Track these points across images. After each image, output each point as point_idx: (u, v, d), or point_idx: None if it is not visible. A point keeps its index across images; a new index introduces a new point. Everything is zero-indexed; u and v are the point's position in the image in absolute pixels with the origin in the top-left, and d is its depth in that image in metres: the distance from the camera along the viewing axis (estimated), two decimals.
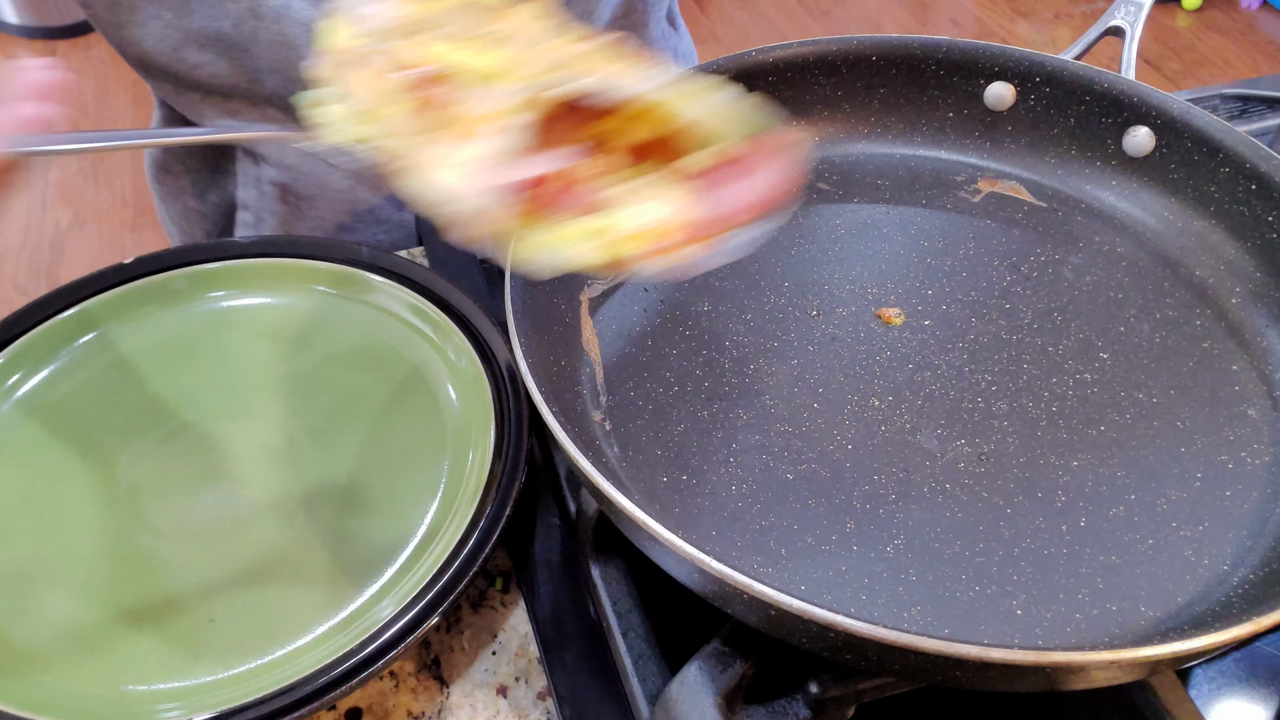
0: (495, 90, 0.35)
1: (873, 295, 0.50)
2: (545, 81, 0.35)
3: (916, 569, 0.39)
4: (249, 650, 0.44)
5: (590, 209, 0.35)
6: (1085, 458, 0.43)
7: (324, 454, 0.52)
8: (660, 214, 0.35)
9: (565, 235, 0.35)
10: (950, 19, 2.50)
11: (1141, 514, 0.41)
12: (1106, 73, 0.53)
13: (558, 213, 0.35)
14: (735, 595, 0.34)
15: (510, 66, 0.36)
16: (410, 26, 0.37)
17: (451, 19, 0.37)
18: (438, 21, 0.37)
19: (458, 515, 0.48)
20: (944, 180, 0.56)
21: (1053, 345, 0.48)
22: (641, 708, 0.40)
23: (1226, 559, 0.39)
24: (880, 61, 0.56)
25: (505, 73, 0.36)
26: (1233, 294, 0.49)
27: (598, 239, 0.35)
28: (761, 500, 0.42)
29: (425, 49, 0.36)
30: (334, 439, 0.52)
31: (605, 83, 0.35)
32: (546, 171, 0.35)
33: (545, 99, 0.35)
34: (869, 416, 0.45)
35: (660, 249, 0.35)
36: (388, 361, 0.56)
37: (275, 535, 0.49)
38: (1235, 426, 0.44)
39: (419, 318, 0.56)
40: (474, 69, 0.36)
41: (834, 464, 0.43)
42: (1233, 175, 0.49)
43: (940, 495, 0.42)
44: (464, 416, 0.52)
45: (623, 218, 0.35)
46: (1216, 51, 2.33)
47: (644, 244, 0.35)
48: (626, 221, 0.35)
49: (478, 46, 0.37)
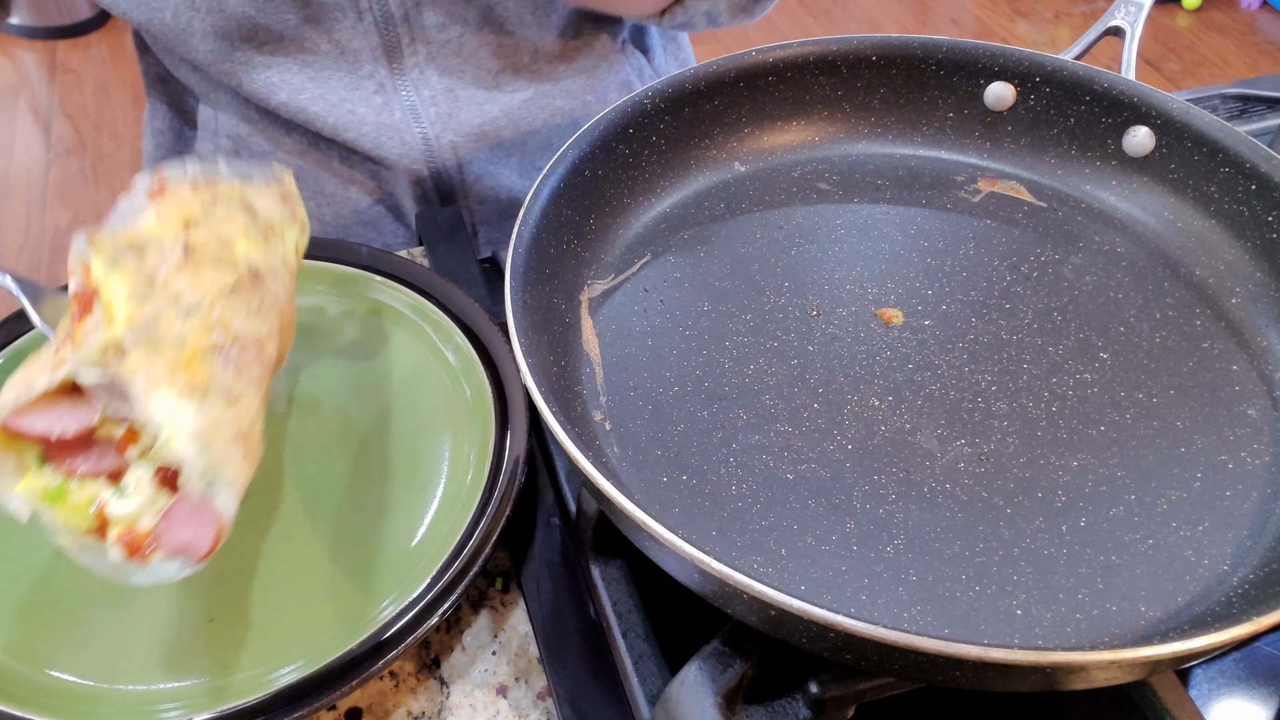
0: (93, 334, 0.38)
1: (873, 295, 0.50)
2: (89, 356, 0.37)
3: (916, 569, 0.39)
4: (249, 650, 0.44)
5: (92, 475, 0.38)
6: (1085, 458, 0.43)
7: (324, 454, 0.52)
8: (129, 508, 0.37)
9: (41, 488, 0.38)
10: (950, 19, 2.50)
11: (1141, 514, 0.41)
12: (1106, 73, 0.53)
13: (62, 464, 0.38)
14: (735, 595, 0.34)
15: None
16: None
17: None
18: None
19: (458, 515, 0.48)
20: (944, 180, 0.56)
21: (1053, 345, 0.48)
22: (641, 708, 0.40)
23: (1226, 559, 0.39)
24: (880, 61, 0.56)
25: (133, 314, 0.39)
26: (1233, 294, 0.49)
27: (63, 504, 0.38)
28: (761, 500, 0.42)
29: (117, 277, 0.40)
30: (334, 439, 0.52)
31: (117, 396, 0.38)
32: (55, 427, 0.37)
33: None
34: (869, 416, 0.45)
35: (119, 539, 0.37)
36: (387, 362, 0.56)
37: (275, 535, 0.49)
38: (1235, 426, 0.44)
39: (419, 317, 0.56)
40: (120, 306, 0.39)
41: (834, 464, 0.43)
42: (1233, 175, 0.49)
43: (940, 495, 0.42)
44: (464, 417, 0.52)
45: (110, 500, 0.37)
46: (1216, 51, 2.33)
47: (91, 523, 0.38)
48: (116, 505, 0.37)
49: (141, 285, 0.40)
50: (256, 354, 0.41)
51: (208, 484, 0.37)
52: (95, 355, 0.37)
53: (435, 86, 0.68)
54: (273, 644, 0.44)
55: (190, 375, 0.38)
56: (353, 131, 0.68)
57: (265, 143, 0.70)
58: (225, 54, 0.64)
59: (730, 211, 0.55)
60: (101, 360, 0.37)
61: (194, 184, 0.46)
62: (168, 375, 0.37)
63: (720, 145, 0.56)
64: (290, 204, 0.49)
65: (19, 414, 0.37)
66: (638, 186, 0.54)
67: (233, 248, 0.43)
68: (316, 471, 0.51)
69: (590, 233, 0.51)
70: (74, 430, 0.38)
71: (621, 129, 0.52)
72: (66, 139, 2.18)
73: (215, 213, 0.44)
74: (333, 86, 0.66)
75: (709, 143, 0.56)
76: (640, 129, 0.53)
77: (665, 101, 0.53)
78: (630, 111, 0.52)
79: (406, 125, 0.68)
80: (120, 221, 0.43)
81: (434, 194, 0.72)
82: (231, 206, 0.45)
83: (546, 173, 0.48)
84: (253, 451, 0.39)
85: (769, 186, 0.56)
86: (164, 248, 0.41)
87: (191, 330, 0.39)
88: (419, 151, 0.69)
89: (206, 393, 0.38)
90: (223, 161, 0.50)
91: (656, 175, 0.55)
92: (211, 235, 0.43)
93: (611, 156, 0.52)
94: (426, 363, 0.55)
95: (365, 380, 0.55)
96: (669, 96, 0.54)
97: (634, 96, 0.53)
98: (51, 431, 0.38)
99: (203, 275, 0.41)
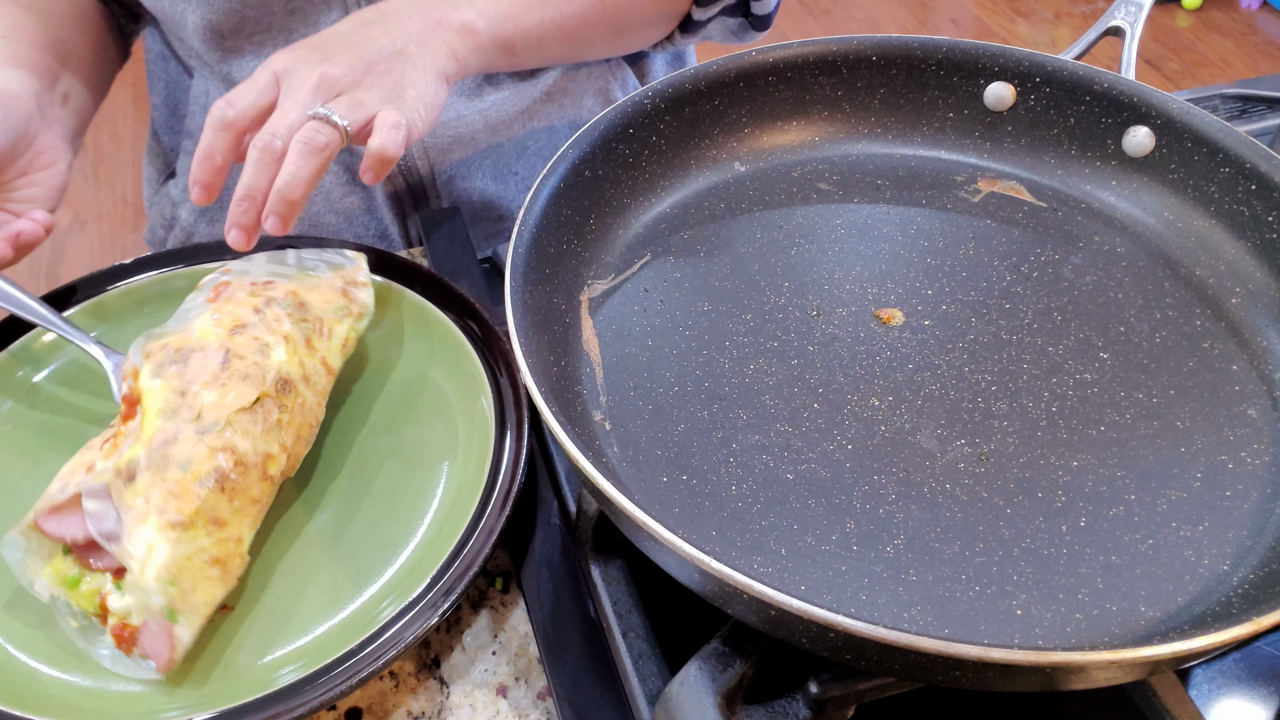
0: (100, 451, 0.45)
1: (873, 295, 0.50)
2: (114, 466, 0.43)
3: (916, 569, 0.39)
4: (249, 650, 0.44)
5: (102, 569, 0.43)
6: (1085, 458, 0.43)
7: (324, 455, 0.52)
8: (122, 604, 0.42)
9: (61, 575, 0.43)
10: (950, 19, 2.49)
11: (1141, 514, 0.41)
12: (1106, 73, 0.53)
13: (82, 555, 0.43)
14: (735, 595, 0.34)
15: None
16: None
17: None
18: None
19: (458, 515, 0.48)
20: (944, 180, 0.56)
21: (1052, 345, 0.48)
22: (641, 708, 0.40)
23: (1226, 559, 0.39)
24: (880, 62, 0.56)
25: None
26: (1233, 294, 0.49)
27: (79, 591, 0.43)
28: (761, 500, 0.42)
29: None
30: (334, 439, 0.52)
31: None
32: (69, 533, 0.43)
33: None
34: (869, 416, 0.45)
35: (113, 629, 0.43)
36: (387, 361, 0.56)
37: (275, 535, 0.49)
38: (1235, 426, 0.44)
39: (419, 318, 0.56)
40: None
41: (834, 464, 0.43)
42: (1233, 175, 0.49)
43: (940, 495, 0.42)
44: (464, 417, 0.52)
45: (111, 594, 0.43)
46: (1216, 51, 2.33)
47: (96, 610, 0.43)
48: (114, 600, 0.42)
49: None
50: (259, 474, 0.45)
51: (168, 615, 0.41)
52: (107, 478, 0.43)
53: None
54: (273, 644, 0.44)
55: (180, 505, 0.42)
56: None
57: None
58: (216, 44, 0.65)
59: (730, 211, 0.55)
60: (110, 485, 0.42)
61: (253, 286, 0.51)
62: (161, 504, 0.42)
63: (720, 145, 0.56)
64: (352, 293, 0.53)
65: (47, 516, 0.43)
66: (638, 186, 0.54)
67: (269, 355, 0.47)
68: (316, 472, 0.51)
69: (590, 233, 0.51)
70: (84, 538, 0.43)
71: (621, 129, 0.52)
72: None
73: (267, 315, 0.49)
74: None
75: (709, 143, 0.56)
76: (640, 129, 0.53)
77: (665, 101, 0.53)
78: (630, 111, 0.52)
79: None
80: (180, 321, 0.49)
81: (406, 192, 0.72)
82: (283, 308, 0.50)
83: (547, 173, 0.48)
84: (231, 572, 0.44)
85: (769, 187, 0.56)
86: (208, 353, 0.47)
87: (200, 453, 0.44)
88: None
89: (189, 526, 0.42)
90: (293, 253, 0.54)
91: (656, 175, 0.55)
92: (253, 342, 0.48)
93: (611, 156, 0.52)
94: (426, 362, 0.55)
95: (365, 380, 0.55)
96: (669, 96, 0.54)
97: (634, 96, 0.53)
98: (65, 537, 0.43)
99: (229, 390, 0.45)
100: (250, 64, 0.66)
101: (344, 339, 0.52)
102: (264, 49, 0.66)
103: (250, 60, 0.67)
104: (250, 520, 0.45)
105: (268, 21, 0.65)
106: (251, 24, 0.65)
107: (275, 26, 0.65)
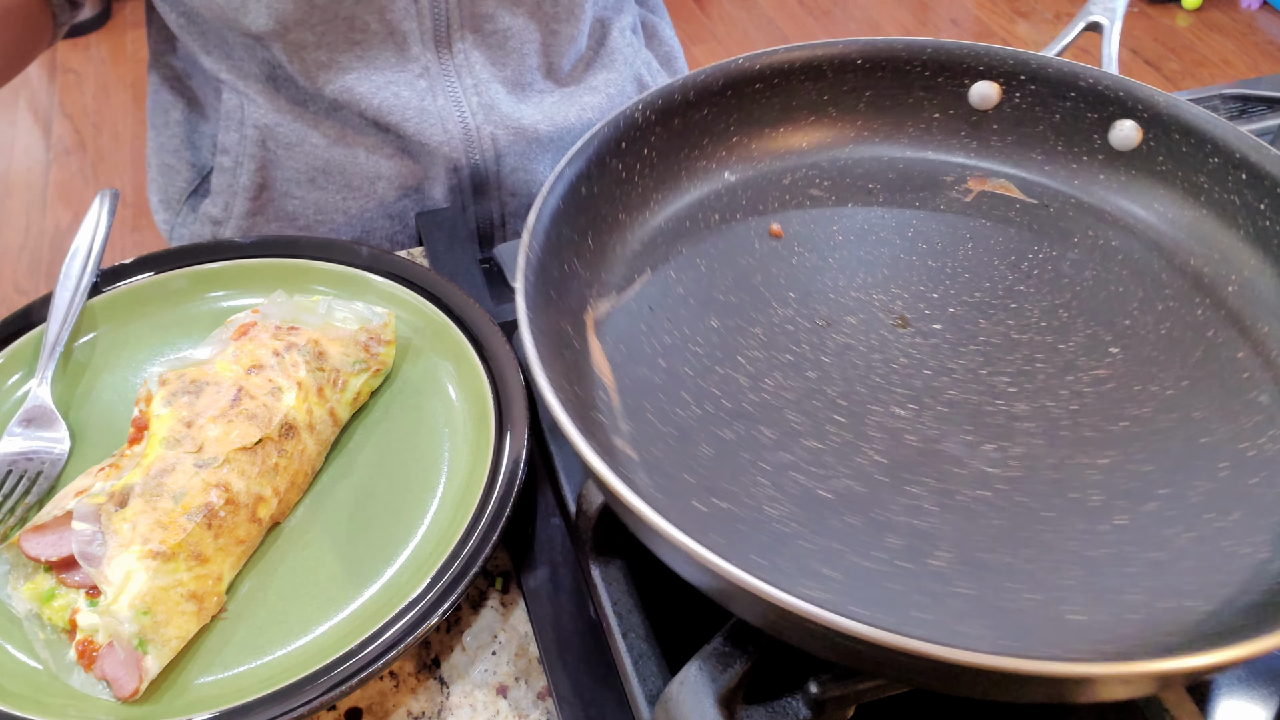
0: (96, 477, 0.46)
1: (879, 301, 0.50)
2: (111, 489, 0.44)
3: (967, 581, 0.39)
4: (249, 650, 0.44)
5: (76, 586, 0.44)
6: (1113, 454, 0.43)
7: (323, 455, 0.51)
8: (89, 623, 0.42)
9: (38, 590, 0.44)
10: (950, 19, 2.50)
11: (1176, 507, 0.41)
12: (1090, 68, 0.53)
13: (60, 571, 0.44)
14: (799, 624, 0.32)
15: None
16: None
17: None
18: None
19: (458, 515, 0.48)
20: (934, 181, 0.56)
21: (1063, 343, 0.48)
22: (641, 708, 0.39)
23: (1265, 546, 0.40)
24: (866, 65, 0.55)
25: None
26: (1229, 282, 0.50)
27: (51, 606, 0.44)
28: (800, 520, 0.41)
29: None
30: (333, 439, 0.52)
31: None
32: (47, 552, 0.44)
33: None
34: (894, 426, 0.44)
35: (78, 645, 0.43)
36: None
37: (275, 535, 0.48)
38: (1249, 414, 0.45)
39: (419, 318, 0.56)
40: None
41: (867, 477, 0.42)
42: (1222, 165, 0.50)
43: (978, 503, 0.41)
44: (464, 417, 0.52)
45: (82, 610, 0.43)
46: (1216, 51, 2.38)
47: (66, 625, 0.43)
48: (83, 617, 0.42)
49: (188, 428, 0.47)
50: (248, 515, 0.45)
51: (139, 644, 0.41)
52: (100, 500, 0.43)
53: (479, 76, 0.69)
54: (273, 644, 0.44)
55: (165, 536, 0.43)
56: (396, 115, 0.67)
57: (293, 134, 0.69)
58: (279, 33, 0.63)
59: (725, 221, 0.53)
60: (102, 507, 0.43)
61: (277, 329, 0.51)
62: (146, 533, 0.42)
63: (710, 155, 0.55)
64: (374, 349, 0.53)
65: (28, 535, 0.44)
66: (631, 202, 0.52)
67: (279, 398, 0.48)
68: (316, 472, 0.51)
69: (589, 252, 0.50)
70: (65, 554, 0.43)
71: (615, 143, 0.51)
72: (66, 139, 2.15)
73: (285, 359, 0.49)
74: (379, 67, 0.66)
75: (698, 153, 0.55)
76: (632, 142, 0.52)
77: (655, 113, 0.52)
78: (623, 125, 0.51)
79: (449, 113, 0.69)
80: (202, 352, 0.50)
81: (469, 184, 0.72)
82: (302, 354, 0.50)
83: (546, 192, 0.46)
84: (206, 609, 0.44)
85: (761, 194, 0.55)
86: (221, 389, 0.47)
87: (195, 485, 0.44)
88: (459, 140, 0.70)
89: (170, 558, 0.42)
90: (324, 301, 0.55)
91: (649, 189, 0.53)
92: (267, 384, 0.48)
93: (605, 172, 0.51)
94: (426, 363, 0.55)
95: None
96: (659, 108, 0.52)
97: (625, 110, 0.51)
98: (42, 556, 0.43)
99: (234, 427, 0.46)
100: (312, 55, 0.64)
101: (357, 392, 0.52)
102: (326, 36, 0.64)
103: (312, 52, 0.64)
104: (233, 560, 0.45)
105: (334, 10, 0.63)
106: (319, 11, 0.63)
107: (341, 15, 0.63)
